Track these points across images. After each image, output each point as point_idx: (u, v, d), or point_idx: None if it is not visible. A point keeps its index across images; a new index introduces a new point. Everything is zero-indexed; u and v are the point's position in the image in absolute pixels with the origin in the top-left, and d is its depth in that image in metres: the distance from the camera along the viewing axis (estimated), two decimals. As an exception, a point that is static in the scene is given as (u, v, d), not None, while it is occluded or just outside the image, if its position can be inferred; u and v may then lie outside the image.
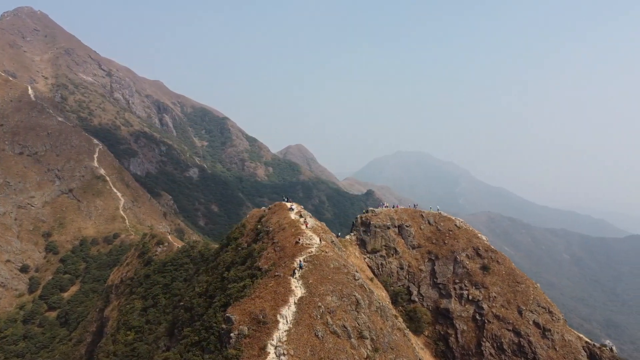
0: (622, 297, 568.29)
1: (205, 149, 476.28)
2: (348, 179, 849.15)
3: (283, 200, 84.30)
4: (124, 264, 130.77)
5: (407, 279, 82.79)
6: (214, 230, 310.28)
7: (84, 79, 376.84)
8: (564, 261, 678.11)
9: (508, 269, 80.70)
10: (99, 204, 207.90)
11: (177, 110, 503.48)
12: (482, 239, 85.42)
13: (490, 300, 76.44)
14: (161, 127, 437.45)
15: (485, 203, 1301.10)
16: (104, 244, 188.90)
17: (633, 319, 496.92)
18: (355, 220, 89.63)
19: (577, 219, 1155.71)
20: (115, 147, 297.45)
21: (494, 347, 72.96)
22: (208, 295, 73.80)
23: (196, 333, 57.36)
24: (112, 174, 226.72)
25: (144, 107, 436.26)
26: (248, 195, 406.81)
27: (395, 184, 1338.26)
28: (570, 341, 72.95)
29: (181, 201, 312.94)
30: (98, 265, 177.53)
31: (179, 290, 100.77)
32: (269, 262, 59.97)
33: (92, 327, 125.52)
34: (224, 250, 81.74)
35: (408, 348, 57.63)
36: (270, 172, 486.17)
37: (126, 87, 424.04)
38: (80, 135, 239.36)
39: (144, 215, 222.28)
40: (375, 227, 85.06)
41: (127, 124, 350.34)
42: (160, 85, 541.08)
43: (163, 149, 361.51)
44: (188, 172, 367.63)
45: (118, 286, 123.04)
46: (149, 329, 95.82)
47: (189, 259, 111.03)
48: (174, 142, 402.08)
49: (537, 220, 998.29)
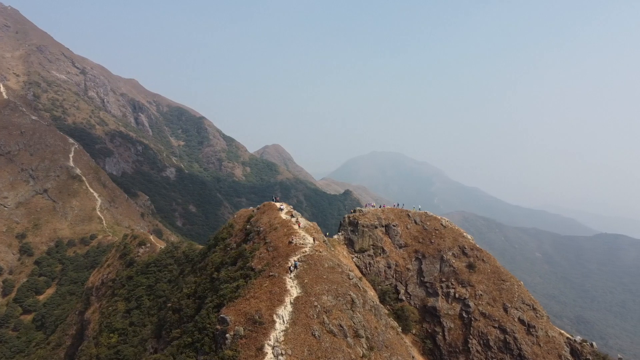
0: (591, 293, 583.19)
1: (182, 149, 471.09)
2: (325, 179, 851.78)
3: (272, 200, 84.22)
4: (105, 266, 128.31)
5: (395, 278, 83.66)
6: (192, 231, 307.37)
7: (57, 76, 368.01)
8: (535, 259, 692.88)
9: (493, 267, 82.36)
10: (75, 205, 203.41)
11: (152, 110, 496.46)
12: (467, 238, 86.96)
13: (477, 298, 77.85)
14: (137, 126, 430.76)
15: (459, 203, 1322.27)
16: (81, 245, 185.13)
17: (602, 315, 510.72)
18: (342, 219, 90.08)
19: (548, 218, 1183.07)
20: (90, 146, 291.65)
21: (480, 344, 74.32)
22: (197, 296, 73.29)
23: (189, 334, 56.78)
24: (88, 174, 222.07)
25: (119, 105, 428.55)
26: (226, 196, 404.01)
27: (371, 183, 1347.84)
28: (553, 337, 74.83)
29: (158, 201, 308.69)
30: (75, 267, 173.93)
31: (163, 291, 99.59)
32: (262, 262, 59.90)
33: (71, 330, 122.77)
34: (212, 251, 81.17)
35: (401, 346, 58.41)
36: (248, 172, 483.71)
37: (101, 85, 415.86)
38: (55, 134, 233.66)
39: (122, 216, 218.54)
40: (363, 227, 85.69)
41: (102, 123, 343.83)
42: (135, 83, 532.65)
43: (139, 148, 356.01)
44: (165, 172, 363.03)
45: (99, 288, 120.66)
46: (133, 331, 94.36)
47: (172, 259, 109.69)
48: (150, 142, 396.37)
49: (510, 220, 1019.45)
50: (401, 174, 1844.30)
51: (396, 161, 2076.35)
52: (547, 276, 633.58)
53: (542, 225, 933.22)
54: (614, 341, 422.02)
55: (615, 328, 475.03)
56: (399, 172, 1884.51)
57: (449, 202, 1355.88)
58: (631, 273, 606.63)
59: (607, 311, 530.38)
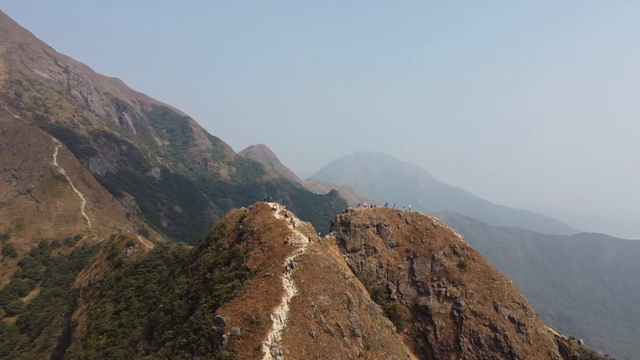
0: (572, 292, 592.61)
1: (167, 149, 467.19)
2: (310, 179, 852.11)
3: (263, 200, 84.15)
4: (92, 266, 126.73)
5: (386, 277, 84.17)
6: (177, 231, 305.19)
7: (40, 75, 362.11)
8: (518, 258, 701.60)
9: (483, 266, 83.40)
10: (59, 205, 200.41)
11: (137, 109, 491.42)
12: (458, 238, 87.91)
13: (468, 297, 78.73)
14: (121, 125, 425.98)
15: (444, 202, 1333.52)
16: (66, 246, 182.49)
17: (582, 313, 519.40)
18: (334, 219, 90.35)
19: (530, 218, 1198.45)
20: (74, 146, 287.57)
21: (471, 342, 75.17)
22: (190, 296, 72.99)
23: (184, 335, 56.48)
24: (72, 174, 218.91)
25: (102, 105, 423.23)
26: (212, 196, 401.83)
27: (356, 183, 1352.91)
28: (543, 335, 76.09)
29: (143, 202, 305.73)
30: (60, 268, 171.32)
31: (153, 292, 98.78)
32: (257, 262, 59.88)
33: (57, 332, 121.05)
34: (204, 251, 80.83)
35: (397, 345, 58.91)
36: (234, 172, 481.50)
37: (84, 84, 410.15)
38: (39, 134, 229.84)
39: (107, 216, 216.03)
40: (354, 227, 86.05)
41: (86, 123, 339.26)
42: (119, 82, 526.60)
43: (124, 148, 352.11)
44: (150, 172, 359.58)
45: (86, 289, 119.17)
46: (122, 333, 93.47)
47: (162, 260, 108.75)
48: (135, 142, 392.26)
49: (493, 219, 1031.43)
50: (386, 174, 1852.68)
51: (381, 161, 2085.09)
52: (529, 275, 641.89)
53: (525, 225, 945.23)
54: (595, 338, 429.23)
55: (596, 325, 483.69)
56: (383, 172, 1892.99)
57: (433, 202, 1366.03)
58: (611, 272, 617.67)
59: (588, 309, 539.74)
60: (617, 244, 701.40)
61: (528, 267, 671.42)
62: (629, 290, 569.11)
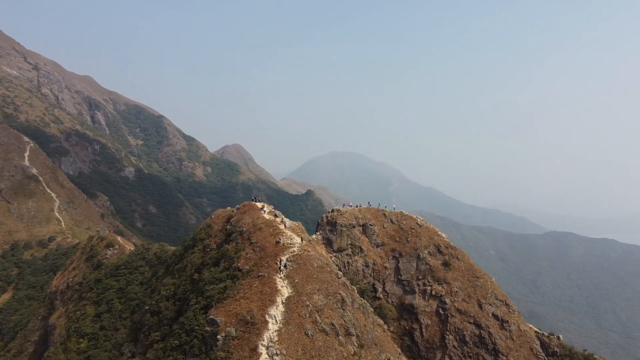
0: (542, 289, 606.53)
1: (141, 148, 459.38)
2: (285, 179, 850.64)
3: (252, 200, 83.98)
4: (70, 268, 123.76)
5: (373, 276, 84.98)
6: (152, 232, 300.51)
7: (8, 72, 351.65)
8: (490, 257, 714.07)
9: (467, 264, 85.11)
10: (31, 206, 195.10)
11: (109, 108, 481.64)
12: (442, 237, 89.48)
13: (452, 295, 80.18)
14: (93, 124, 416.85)
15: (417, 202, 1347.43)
16: (39, 247, 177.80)
17: (552, 310, 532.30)
18: (321, 219, 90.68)
19: (501, 217, 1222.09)
20: (45, 145, 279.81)
21: (456, 339, 76.61)
22: (177, 298, 72.30)
23: (176, 337, 55.96)
24: (45, 174, 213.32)
25: (74, 103, 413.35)
26: (187, 196, 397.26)
27: (330, 183, 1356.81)
28: (525, 331, 78.16)
29: (117, 202, 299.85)
30: (33, 271, 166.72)
31: (135, 294, 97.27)
32: (249, 262, 59.76)
33: (34, 337, 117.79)
34: (190, 252, 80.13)
35: (388, 343, 59.69)
36: (209, 172, 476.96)
37: (55, 82, 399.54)
38: (9, 132, 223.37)
39: (81, 217, 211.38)
40: (341, 227, 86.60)
41: (57, 121, 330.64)
42: (90, 81, 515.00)
43: (96, 147, 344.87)
44: (124, 172, 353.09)
45: (64, 292, 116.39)
46: (104, 336, 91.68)
47: (144, 261, 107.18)
48: (108, 141, 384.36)
49: (465, 219, 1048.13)
50: (360, 174, 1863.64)
51: (356, 162, 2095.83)
52: (501, 273, 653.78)
53: (496, 224, 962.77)
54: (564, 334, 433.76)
55: (565, 322, 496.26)
56: (358, 172, 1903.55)
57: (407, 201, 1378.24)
58: (579, 269, 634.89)
59: (557, 306, 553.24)
60: (583, 242, 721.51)
61: (500, 266, 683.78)
62: (595, 287, 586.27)
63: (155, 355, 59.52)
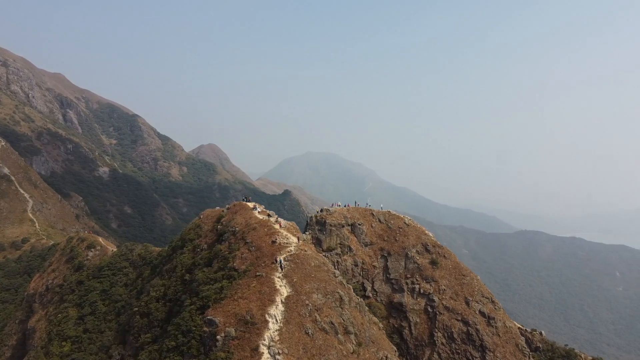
0: (513, 287, 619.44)
1: (115, 148, 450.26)
2: (261, 179, 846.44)
3: (242, 200, 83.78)
4: (49, 270, 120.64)
5: (362, 275, 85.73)
6: (128, 233, 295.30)
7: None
8: (463, 256, 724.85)
9: (454, 263, 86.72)
10: (3, 206, 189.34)
11: (82, 106, 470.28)
12: (429, 236, 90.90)
13: (440, 293, 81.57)
14: (65, 123, 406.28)
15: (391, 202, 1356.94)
16: (12, 249, 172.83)
17: (522, 307, 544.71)
18: (310, 219, 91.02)
19: (473, 217, 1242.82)
20: (15, 144, 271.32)
21: (445, 336, 77.96)
22: (167, 299, 71.62)
23: (172, 338, 55.49)
24: (17, 174, 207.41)
25: (45, 101, 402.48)
26: (162, 196, 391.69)
27: (305, 183, 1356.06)
28: (510, 327, 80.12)
29: (91, 202, 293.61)
30: (6, 273, 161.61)
31: (120, 295, 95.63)
32: (245, 262, 59.74)
33: (11, 341, 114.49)
34: (179, 252, 79.38)
35: (384, 341, 60.51)
36: (185, 172, 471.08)
37: (25, 79, 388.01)
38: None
39: (55, 218, 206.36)
40: (330, 226, 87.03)
41: (28, 120, 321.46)
42: (62, 78, 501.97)
43: (69, 147, 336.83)
44: (97, 172, 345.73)
45: (43, 294, 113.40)
46: (88, 339, 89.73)
47: (128, 262, 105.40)
48: (81, 140, 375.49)
49: (438, 218, 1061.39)
50: (335, 174, 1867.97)
51: (331, 161, 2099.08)
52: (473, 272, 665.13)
53: (468, 223, 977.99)
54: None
55: (535, 319, 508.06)
56: (333, 172, 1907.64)
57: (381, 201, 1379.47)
58: (548, 267, 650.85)
59: (527, 303, 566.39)
60: (552, 240, 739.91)
61: (472, 265, 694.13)
62: (563, 284, 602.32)
63: (149, 357, 58.85)
